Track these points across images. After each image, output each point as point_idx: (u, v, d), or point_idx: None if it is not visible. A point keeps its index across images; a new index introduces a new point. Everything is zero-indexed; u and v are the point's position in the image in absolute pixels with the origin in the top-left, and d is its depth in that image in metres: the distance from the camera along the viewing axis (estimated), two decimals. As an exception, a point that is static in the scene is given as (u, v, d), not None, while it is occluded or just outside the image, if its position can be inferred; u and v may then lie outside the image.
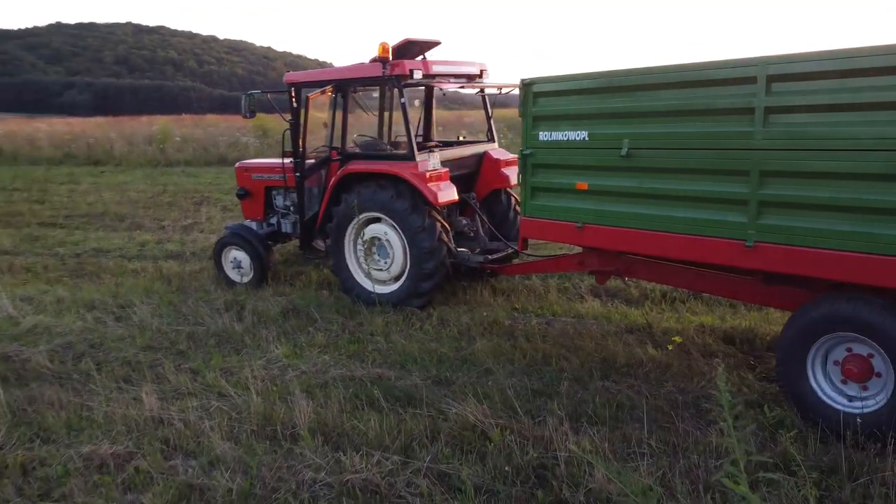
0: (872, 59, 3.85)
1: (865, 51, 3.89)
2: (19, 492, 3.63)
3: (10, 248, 10.46)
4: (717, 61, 4.56)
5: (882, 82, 3.83)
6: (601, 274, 6.18)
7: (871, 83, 3.87)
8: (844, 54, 3.96)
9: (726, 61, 4.51)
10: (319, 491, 3.54)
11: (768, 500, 3.34)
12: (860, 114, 3.93)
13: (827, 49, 4.05)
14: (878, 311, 3.97)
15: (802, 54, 4.16)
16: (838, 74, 4.00)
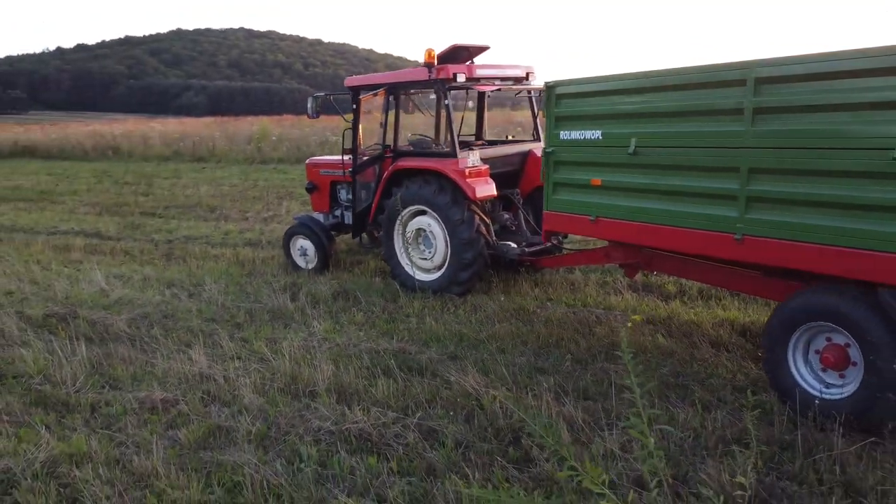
0: (853, 62, 4.07)
1: (846, 54, 4.11)
2: (86, 423, 4.44)
3: (114, 234, 11.76)
4: (711, 65, 4.85)
5: (862, 84, 4.04)
6: (628, 267, 6.50)
7: (852, 85, 4.08)
8: (826, 58, 4.19)
9: (719, 65, 4.80)
10: (322, 436, 4.15)
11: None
12: (841, 114, 4.15)
13: (810, 53, 4.29)
14: (850, 302, 4.18)
15: (787, 58, 4.41)
16: (821, 77, 4.23)
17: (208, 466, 3.84)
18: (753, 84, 4.52)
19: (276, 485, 3.62)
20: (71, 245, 10.82)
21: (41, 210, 14.72)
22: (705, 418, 4.27)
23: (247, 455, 3.90)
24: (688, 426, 4.21)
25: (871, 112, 4.00)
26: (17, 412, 4.55)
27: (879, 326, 4.02)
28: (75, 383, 5.02)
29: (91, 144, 27.56)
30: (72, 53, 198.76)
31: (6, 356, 5.54)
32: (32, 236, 11.65)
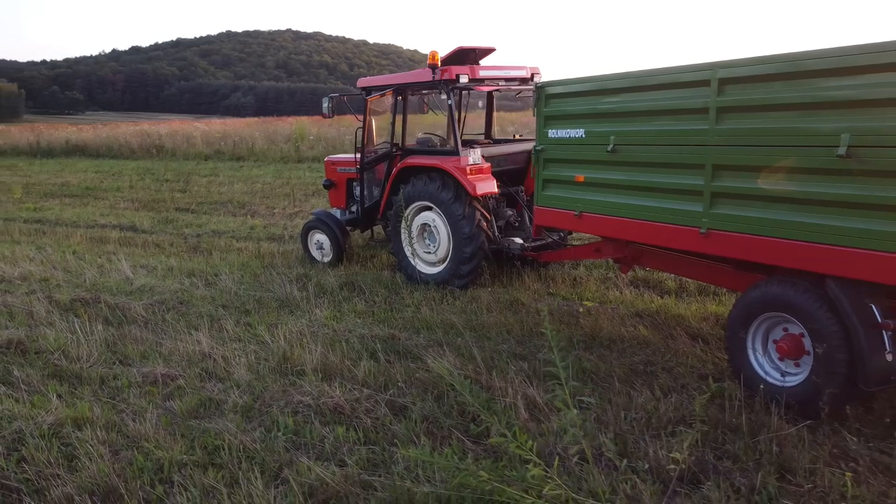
0: (802, 63, 4.27)
1: (797, 56, 4.31)
2: (94, 394, 4.89)
3: (148, 228, 12.41)
4: (679, 66, 5.08)
5: (810, 84, 4.23)
6: (620, 262, 6.73)
7: (802, 85, 4.28)
8: (781, 59, 4.40)
9: (687, 66, 5.02)
10: (300, 409, 4.52)
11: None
12: (793, 113, 4.34)
13: (769, 54, 4.49)
14: (801, 293, 4.36)
15: (747, 59, 4.62)
16: (776, 77, 4.43)
17: (194, 432, 4.24)
18: (717, 85, 4.73)
19: (251, 448, 4.01)
20: (107, 237, 11.48)
21: (84, 205, 15.53)
22: (662, 402, 4.50)
23: (230, 423, 4.30)
24: (642, 408, 4.45)
25: (818, 111, 4.19)
26: (34, 382, 5.04)
27: (827, 316, 4.20)
28: (90, 359, 5.50)
29: (137, 143, 28.64)
30: (126, 55, 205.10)
31: (33, 335, 6.06)
32: (73, 229, 12.36)
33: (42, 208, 14.95)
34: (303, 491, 3.56)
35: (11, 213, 14.36)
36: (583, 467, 3.74)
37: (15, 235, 11.93)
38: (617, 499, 3.46)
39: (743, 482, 3.58)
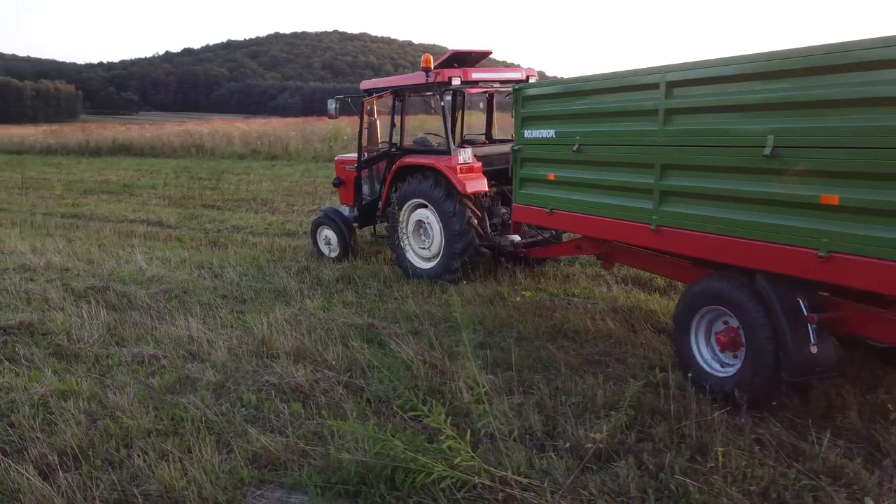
0: (733, 67, 4.47)
1: (729, 60, 4.52)
2: (87, 371, 5.36)
3: (173, 223, 13.04)
4: (634, 70, 5.30)
5: (742, 87, 4.44)
6: (602, 259, 6.95)
7: (734, 88, 4.49)
8: (716, 63, 4.61)
9: (640, 69, 5.24)
10: (264, 387, 4.91)
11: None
12: (727, 115, 4.55)
13: (714, 58, 4.70)
14: (736, 288, 4.56)
15: (694, 63, 4.83)
16: (713, 81, 4.64)
17: (166, 405, 4.66)
18: (665, 87, 4.95)
19: (212, 420, 4.40)
20: (133, 232, 12.13)
21: (119, 201, 16.32)
22: (602, 388, 4.74)
23: (198, 398, 4.70)
24: (582, 394, 4.70)
25: (749, 113, 4.39)
26: (36, 360, 5.53)
27: (757, 310, 4.39)
28: (90, 341, 5.99)
29: (179, 143, 29.69)
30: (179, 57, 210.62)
31: (43, 318, 6.59)
32: (104, 224, 13.07)
33: (80, 204, 15.77)
34: (246, 458, 3.94)
35: (51, 209, 15.21)
36: (507, 444, 4.03)
37: (50, 229, 12.68)
38: (532, 472, 3.73)
39: (652, 461, 3.82)
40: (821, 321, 4.25)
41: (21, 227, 12.97)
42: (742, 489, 3.56)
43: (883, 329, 4.14)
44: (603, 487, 3.62)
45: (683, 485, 3.58)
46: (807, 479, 3.65)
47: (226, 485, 3.68)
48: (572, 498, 3.53)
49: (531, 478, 3.67)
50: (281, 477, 3.78)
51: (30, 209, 15.28)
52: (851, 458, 3.89)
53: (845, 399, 4.61)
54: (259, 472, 3.83)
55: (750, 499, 3.49)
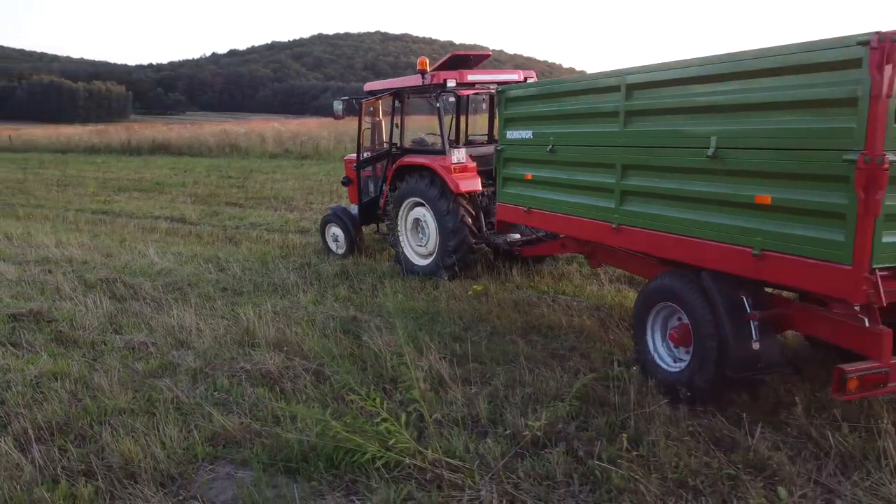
0: (682, 70, 4.61)
1: (685, 62, 4.65)
2: (82, 355, 5.73)
3: (194, 220, 13.53)
4: (598, 73, 5.46)
5: (689, 90, 4.58)
6: (587, 257, 7.10)
7: (683, 91, 4.63)
8: (672, 66, 4.74)
9: (603, 73, 5.40)
10: (238, 372, 5.21)
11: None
12: (677, 117, 4.69)
13: (666, 61, 4.84)
14: (684, 284, 4.69)
15: (648, 66, 4.98)
16: (665, 84, 4.78)
17: (145, 388, 4.99)
18: (625, 90, 5.10)
19: (183, 402, 4.71)
20: (156, 228, 12.65)
21: (149, 199, 16.95)
22: (555, 380, 4.91)
23: (173, 382, 5.03)
24: (534, 385, 4.88)
25: (695, 115, 4.52)
26: (37, 344, 5.94)
27: (703, 306, 4.52)
28: (90, 328, 6.38)
29: (214, 142, 30.51)
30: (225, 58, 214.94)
31: (52, 307, 7.02)
32: (130, 220, 13.65)
33: (111, 201, 16.44)
34: (206, 436, 4.23)
35: (84, 205, 15.89)
36: (452, 430, 4.25)
37: (80, 225, 13.29)
38: (466, 455, 3.94)
39: (583, 448, 3.99)
40: (764, 318, 4.36)
41: (54, 223, 13.64)
42: (661, 476, 3.71)
43: (821, 327, 4.23)
44: (530, 472, 3.81)
45: (607, 471, 3.75)
46: (729, 469, 3.78)
47: (181, 459, 3.97)
48: (499, 480, 3.72)
49: (464, 460, 3.87)
50: (233, 454, 4.06)
51: (64, 205, 16.00)
52: (781, 450, 4.00)
53: (794, 396, 4.69)
54: (214, 449, 4.12)
55: (666, 485, 3.64)
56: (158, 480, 3.79)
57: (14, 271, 8.66)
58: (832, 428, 4.20)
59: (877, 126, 3.39)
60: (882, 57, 3.32)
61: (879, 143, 3.40)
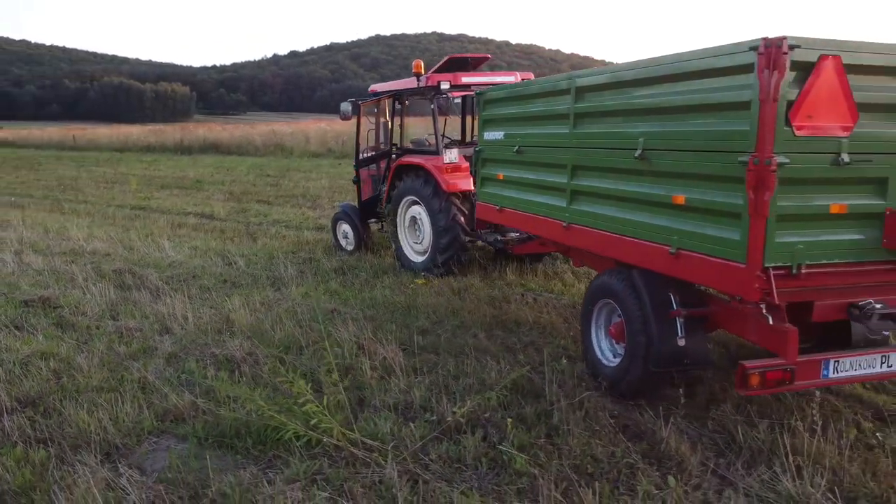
0: (617, 74, 4.76)
1: (621, 66, 4.80)
2: (76, 339, 6.21)
3: (222, 216, 14.13)
4: (555, 76, 5.63)
5: (623, 93, 4.72)
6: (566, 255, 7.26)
7: (618, 94, 4.78)
8: (611, 69, 4.90)
9: (559, 76, 5.57)
10: (207, 358, 5.58)
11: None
12: (613, 118, 4.85)
13: (613, 64, 4.99)
14: (619, 282, 4.83)
15: (595, 69, 5.13)
16: (605, 87, 4.94)
17: (119, 369, 5.41)
18: (574, 92, 5.26)
19: (150, 382, 5.10)
20: (184, 223, 13.28)
21: (186, 195, 17.71)
22: (496, 372, 5.12)
23: (146, 363, 5.44)
24: (476, 375, 5.10)
25: (627, 117, 4.67)
26: (38, 328, 6.45)
27: (634, 303, 4.66)
28: (91, 314, 6.88)
29: (261, 142, 31.46)
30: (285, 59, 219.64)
31: (62, 294, 7.57)
32: (163, 215, 14.34)
33: (151, 198, 17.25)
34: (158, 412, 4.60)
35: (124, 202, 16.73)
36: (384, 414, 4.51)
37: (116, 220, 14.04)
38: (387, 437, 4.19)
39: (495, 434, 4.20)
40: (691, 316, 4.48)
41: (93, 218, 14.42)
42: (561, 463, 3.89)
43: (739, 326, 4.32)
44: (443, 455, 4.04)
45: (513, 456, 3.95)
46: (630, 458, 3.94)
47: (128, 432, 4.34)
48: (411, 462, 3.97)
49: (385, 442, 4.13)
50: (177, 429, 4.41)
51: (107, 202, 16.87)
52: (695, 443, 4.13)
53: (727, 393, 4.79)
54: (162, 424, 4.49)
55: (562, 470, 3.82)
56: (105, 450, 4.17)
57: (40, 262, 9.30)
58: (749, 425, 4.29)
59: (765, 129, 3.50)
60: (769, 62, 3.44)
61: (768, 145, 3.51)
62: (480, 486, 3.77)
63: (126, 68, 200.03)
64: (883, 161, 3.76)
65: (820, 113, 3.58)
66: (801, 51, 3.47)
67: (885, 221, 3.82)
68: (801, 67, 3.50)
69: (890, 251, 3.85)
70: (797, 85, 3.51)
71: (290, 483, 3.72)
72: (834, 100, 3.59)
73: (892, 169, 3.78)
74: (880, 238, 3.84)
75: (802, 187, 3.66)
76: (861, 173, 3.73)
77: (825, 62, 3.52)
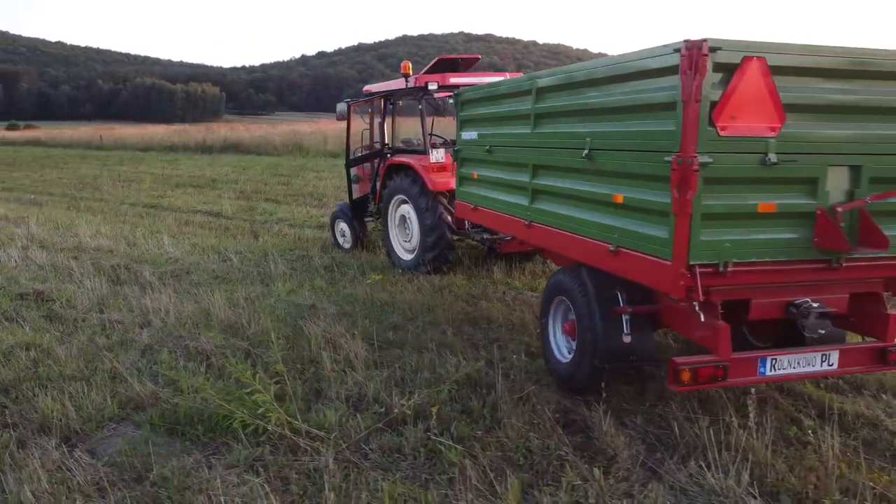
0: (576, 73, 4.84)
1: (574, 68, 4.89)
2: (62, 330, 6.46)
3: (230, 214, 14.41)
4: (519, 77, 5.73)
5: (575, 94, 4.81)
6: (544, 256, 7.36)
7: (572, 94, 4.86)
8: (567, 70, 4.99)
9: (522, 77, 5.66)
10: (181, 350, 5.77)
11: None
12: (565, 119, 4.94)
13: (567, 66, 5.08)
14: (572, 280, 4.92)
15: (555, 69, 5.22)
16: (566, 87, 5.02)
17: (97, 360, 5.63)
18: (535, 93, 5.36)
19: (119, 371, 5.30)
20: (191, 221, 13.58)
21: (199, 194, 18.07)
22: (451, 366, 5.24)
23: (117, 354, 5.65)
24: (432, 369, 5.23)
25: (578, 118, 4.76)
26: (28, 320, 6.71)
27: (583, 300, 4.74)
28: (81, 308, 7.14)
29: (280, 141, 31.88)
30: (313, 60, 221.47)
31: (57, 288, 7.84)
32: (172, 213, 14.67)
33: (164, 196, 17.63)
34: (122, 400, 4.80)
35: (138, 200, 17.14)
36: (336, 405, 4.65)
37: (128, 217, 14.41)
38: (333, 427, 4.33)
39: (435, 426, 4.32)
40: (637, 313, 4.55)
41: (105, 215, 14.82)
42: (495, 454, 4.00)
43: (680, 323, 4.39)
44: (384, 445, 4.17)
45: (449, 447, 4.06)
46: (562, 450, 4.03)
47: (89, 418, 4.54)
48: (349, 451, 4.10)
49: (329, 431, 4.27)
50: (136, 416, 4.60)
51: (121, 200, 17.29)
52: (630, 438, 4.21)
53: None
54: (123, 411, 4.68)
55: (494, 461, 3.93)
56: (65, 434, 4.37)
57: (45, 257, 9.62)
58: (690, 421, 4.35)
59: (688, 129, 3.57)
60: (690, 63, 3.51)
61: (691, 145, 3.58)
62: (414, 475, 3.90)
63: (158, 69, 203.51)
64: (814, 161, 3.81)
65: (745, 114, 3.63)
66: (724, 52, 3.53)
67: (817, 221, 3.86)
68: (724, 69, 3.56)
69: (822, 251, 3.89)
70: (721, 86, 3.57)
71: (229, 468, 3.88)
72: (759, 101, 3.64)
73: (822, 169, 3.83)
74: (812, 238, 3.88)
75: (729, 186, 3.72)
76: (790, 173, 3.77)
77: (749, 63, 3.58)
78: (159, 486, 3.74)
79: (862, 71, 3.83)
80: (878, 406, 4.66)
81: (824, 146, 3.82)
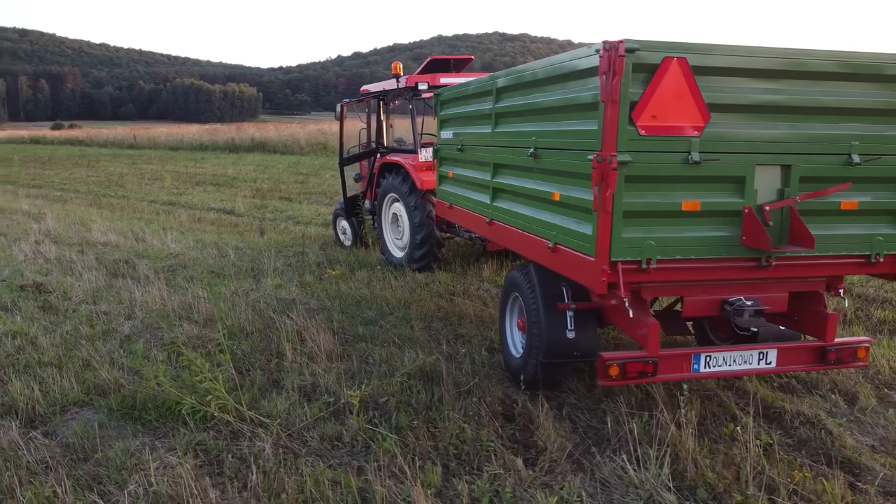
0: (524, 74, 4.93)
1: (521, 69, 4.99)
2: (51, 320, 6.75)
3: (242, 212, 14.74)
4: (483, 77, 5.83)
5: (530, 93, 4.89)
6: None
7: (524, 95, 4.95)
8: (514, 71, 5.09)
9: (487, 76, 5.76)
10: (162, 343, 6.00)
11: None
12: (518, 119, 5.03)
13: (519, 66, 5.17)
14: (522, 276, 5.01)
15: (511, 69, 5.31)
16: (518, 87, 5.11)
17: (74, 348, 5.88)
18: (495, 93, 5.46)
19: (97, 360, 5.54)
20: (203, 218, 13.94)
21: (217, 192, 18.48)
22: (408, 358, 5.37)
23: (94, 343, 5.90)
24: (389, 362, 5.36)
25: (527, 118, 4.85)
26: (23, 310, 7.02)
27: (531, 296, 4.83)
28: (75, 299, 7.44)
29: (305, 141, 32.32)
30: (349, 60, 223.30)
31: (56, 280, 8.17)
32: (187, 210, 15.06)
33: (182, 194, 18.08)
34: (89, 386, 5.03)
35: (158, 197, 17.60)
36: (288, 394, 4.82)
37: (145, 214, 14.83)
38: (279, 414, 4.49)
39: (384, 416, 4.45)
40: (581, 310, 4.63)
41: (123, 211, 15.28)
42: (423, 444, 4.12)
43: (619, 320, 4.45)
44: (326, 432, 4.31)
45: (384, 436, 4.19)
46: (493, 441, 4.13)
47: (54, 402, 4.78)
48: (286, 438, 4.26)
49: (274, 419, 4.43)
50: (99, 402, 4.82)
51: (142, 197, 17.78)
52: (565, 431, 4.29)
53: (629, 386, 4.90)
54: (87, 396, 4.91)
55: (425, 450, 4.05)
56: (29, 417, 4.61)
57: (54, 251, 10.00)
58: (630, 416, 4.41)
59: (608, 128, 3.64)
60: (608, 64, 3.58)
61: (610, 143, 3.65)
62: (349, 462, 4.03)
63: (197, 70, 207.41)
64: (740, 160, 3.84)
65: (666, 113, 3.69)
66: (643, 53, 3.59)
67: (744, 220, 3.89)
68: (645, 69, 3.63)
69: (750, 248, 3.92)
70: (641, 86, 3.64)
71: (170, 451, 4.07)
72: (681, 100, 3.70)
73: (750, 168, 3.86)
74: (740, 236, 3.92)
75: (651, 185, 3.78)
76: (714, 172, 3.82)
77: (670, 64, 3.64)
78: (102, 465, 3.94)
79: (792, 71, 3.86)
80: (822, 406, 4.66)
81: (752, 146, 3.85)
